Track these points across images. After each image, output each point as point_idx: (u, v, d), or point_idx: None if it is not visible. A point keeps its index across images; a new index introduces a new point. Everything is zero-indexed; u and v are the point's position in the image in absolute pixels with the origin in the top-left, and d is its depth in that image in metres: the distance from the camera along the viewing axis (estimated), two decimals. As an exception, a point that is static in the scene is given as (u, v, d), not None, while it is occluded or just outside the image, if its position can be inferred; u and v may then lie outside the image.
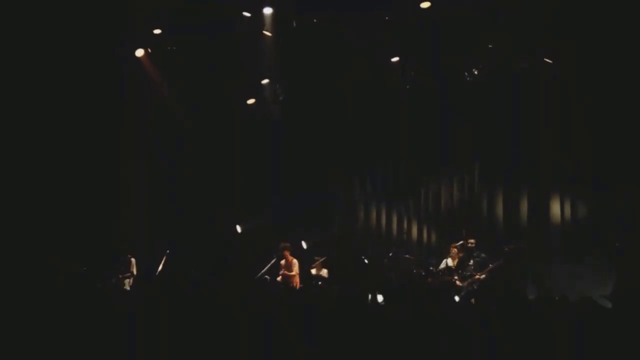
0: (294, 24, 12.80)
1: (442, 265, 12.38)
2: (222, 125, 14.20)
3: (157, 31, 12.91)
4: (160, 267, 11.76)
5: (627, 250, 11.62)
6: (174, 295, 7.17)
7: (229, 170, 14.35)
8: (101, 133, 12.91)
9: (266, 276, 11.93)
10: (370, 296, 9.49)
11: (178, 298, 7.08)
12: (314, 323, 6.41)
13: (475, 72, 13.36)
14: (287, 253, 12.28)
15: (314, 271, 12.64)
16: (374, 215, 15.15)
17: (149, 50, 13.19)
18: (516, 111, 13.40)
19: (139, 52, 13.06)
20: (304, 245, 13.84)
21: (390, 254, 13.10)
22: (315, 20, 12.71)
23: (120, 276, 11.73)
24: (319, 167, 14.83)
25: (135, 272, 11.99)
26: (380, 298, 11.57)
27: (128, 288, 11.54)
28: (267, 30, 12.85)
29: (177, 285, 8.49)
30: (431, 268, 12.38)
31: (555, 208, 13.38)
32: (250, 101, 14.26)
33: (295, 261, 12.33)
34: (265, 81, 14.17)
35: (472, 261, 11.96)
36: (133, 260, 12.04)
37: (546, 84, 12.95)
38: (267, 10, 12.64)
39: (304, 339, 6.23)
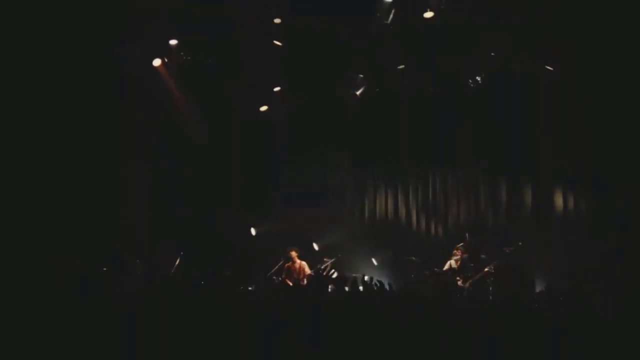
0: (300, 33, 13.00)
1: (446, 267, 12.48)
2: (231, 129, 14.25)
3: (173, 42, 13.11)
4: (175, 267, 11.84)
5: (627, 250, 11.62)
6: (174, 295, 7.17)
7: (235, 173, 14.39)
8: (101, 133, 12.90)
9: (274, 277, 12.10)
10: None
11: (178, 298, 7.08)
12: (315, 323, 6.41)
13: (479, 80, 13.37)
14: (294, 255, 12.42)
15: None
16: (378, 215, 15.19)
17: (166, 59, 13.28)
18: (516, 111, 13.41)
19: (156, 62, 13.18)
20: (316, 247, 13.92)
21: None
22: (318, 26, 12.78)
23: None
24: (324, 168, 14.87)
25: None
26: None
27: None
28: (277, 40, 13.12)
29: (178, 285, 8.49)
30: (435, 269, 12.45)
31: (556, 208, 13.41)
32: (263, 108, 14.35)
33: (303, 263, 12.49)
34: (276, 89, 14.28)
35: (473, 263, 12.06)
36: (138, 261, 12.12)
37: (546, 84, 12.94)
38: (278, 21, 12.91)
39: (304, 339, 6.23)
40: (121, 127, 13.28)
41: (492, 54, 12.98)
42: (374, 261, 13.98)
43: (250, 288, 11.67)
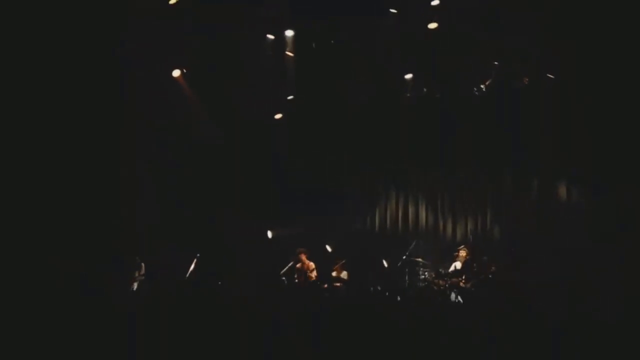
0: (313, 45, 13.27)
1: (452, 268, 12.72)
2: (243, 132, 14.36)
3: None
4: (191, 269, 11.99)
5: (627, 250, 11.63)
6: (174, 296, 7.18)
7: (236, 174, 14.47)
8: (101, 133, 12.90)
9: (283, 278, 12.37)
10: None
11: (178, 298, 7.09)
12: (317, 324, 6.42)
13: (483, 88, 13.43)
14: (303, 256, 12.70)
15: (334, 273, 13.10)
16: (388, 216, 15.37)
17: (184, 70, 13.50)
18: (516, 112, 13.44)
19: (176, 73, 13.46)
20: (329, 248, 14.12)
21: (404, 257, 13.28)
22: (320, 27, 12.90)
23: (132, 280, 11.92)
24: (337, 173, 14.94)
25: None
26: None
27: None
28: (289, 51, 13.40)
29: (178, 285, 8.52)
30: (441, 270, 12.65)
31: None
32: (278, 116, 14.53)
33: (311, 264, 12.73)
34: (290, 97, 14.42)
35: (476, 264, 12.30)
36: (143, 264, 12.19)
37: (546, 86, 13.00)
38: (289, 33, 13.30)
39: (305, 340, 6.23)
40: (121, 127, 13.27)
41: (496, 62, 13.02)
42: (385, 263, 14.13)
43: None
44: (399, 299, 9.18)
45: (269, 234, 14.41)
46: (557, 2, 11.77)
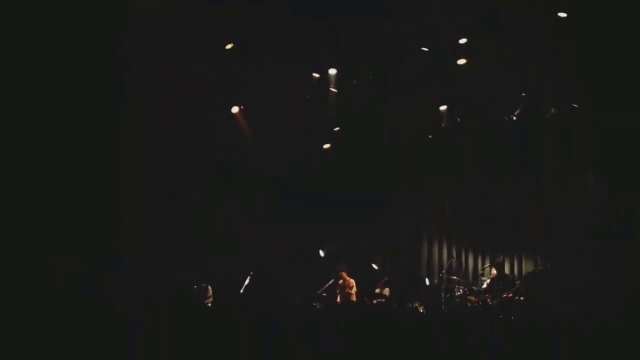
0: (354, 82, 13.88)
1: (485, 285, 13.17)
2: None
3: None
4: (246, 285, 12.25)
5: (627, 250, 11.65)
6: (176, 300, 7.18)
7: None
8: (102, 132, 12.89)
9: (324, 294, 12.82)
10: None
11: (179, 301, 7.09)
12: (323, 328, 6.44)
13: (514, 118, 13.53)
14: (344, 274, 13.14)
15: (378, 290, 13.71)
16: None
17: (242, 107, 14.04)
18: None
19: (235, 109, 14.11)
20: (375, 267, 14.78)
21: (440, 275, 13.97)
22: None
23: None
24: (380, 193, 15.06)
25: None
26: None
27: None
28: (333, 88, 14.01)
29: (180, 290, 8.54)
30: (474, 288, 13.11)
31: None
32: (326, 146, 14.95)
33: (352, 281, 13.14)
34: (337, 129, 14.83)
35: (502, 282, 12.72)
36: (210, 287, 12.21)
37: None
38: (333, 71, 13.97)
39: (305, 340, 6.24)
40: (121, 127, 13.26)
41: (523, 94, 13.18)
42: (427, 281, 14.66)
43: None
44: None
45: (321, 253, 14.72)
46: (557, 2, 11.78)
